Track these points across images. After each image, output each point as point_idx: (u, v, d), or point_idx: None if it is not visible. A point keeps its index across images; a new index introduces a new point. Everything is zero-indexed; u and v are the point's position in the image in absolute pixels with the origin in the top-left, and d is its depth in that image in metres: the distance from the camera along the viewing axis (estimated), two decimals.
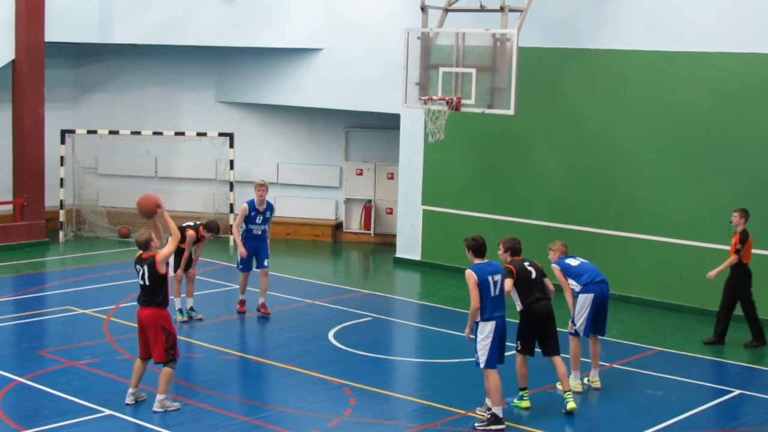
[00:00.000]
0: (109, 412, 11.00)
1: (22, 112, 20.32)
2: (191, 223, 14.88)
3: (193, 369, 12.93)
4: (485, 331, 10.84)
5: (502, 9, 15.95)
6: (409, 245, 19.77)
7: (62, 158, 21.45)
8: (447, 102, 15.94)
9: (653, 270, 16.86)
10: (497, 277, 10.94)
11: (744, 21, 15.80)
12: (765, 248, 15.49)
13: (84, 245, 21.16)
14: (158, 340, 11.03)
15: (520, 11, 16.10)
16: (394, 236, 20.47)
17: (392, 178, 21.73)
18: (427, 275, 19.00)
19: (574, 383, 12.06)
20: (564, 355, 11.83)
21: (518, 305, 11.45)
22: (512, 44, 15.63)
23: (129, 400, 11.24)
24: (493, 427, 10.84)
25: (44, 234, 20.76)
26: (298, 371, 12.86)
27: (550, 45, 17.65)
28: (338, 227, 22.49)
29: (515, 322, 11.55)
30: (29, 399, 11.56)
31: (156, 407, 11.07)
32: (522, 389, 11.53)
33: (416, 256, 19.65)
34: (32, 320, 15.14)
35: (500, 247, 11.64)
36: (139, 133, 21.77)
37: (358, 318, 15.54)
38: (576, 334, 12.12)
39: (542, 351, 11.61)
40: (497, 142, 18.39)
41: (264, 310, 15.36)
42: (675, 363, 13.68)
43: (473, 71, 15.95)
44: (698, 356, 14.09)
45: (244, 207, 15.17)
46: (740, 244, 14.20)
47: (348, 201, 22.31)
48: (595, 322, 12.24)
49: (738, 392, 12.47)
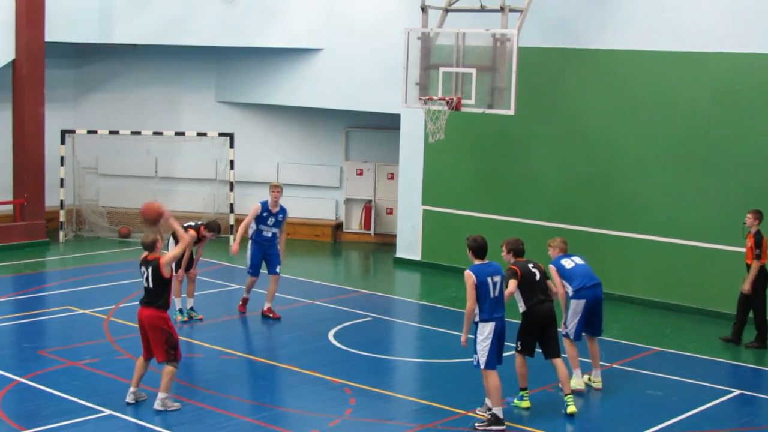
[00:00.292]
0: (109, 412, 11.01)
1: (23, 112, 20.33)
2: (192, 224, 14.88)
3: (194, 369, 12.94)
4: (485, 332, 10.84)
5: (502, 9, 15.95)
6: (410, 245, 19.77)
7: (62, 158, 21.44)
8: (447, 102, 15.94)
9: (653, 270, 16.86)
10: (497, 278, 10.92)
11: (744, 21, 15.80)
12: None
13: (84, 245, 21.16)
14: (159, 342, 11.05)
15: (521, 11, 16.10)
16: (395, 236, 20.47)
17: (392, 178, 21.73)
18: (427, 275, 19.00)
19: (576, 381, 12.04)
20: (564, 355, 11.84)
21: (521, 306, 11.44)
22: (512, 44, 15.64)
23: (129, 399, 11.26)
24: (494, 428, 10.84)
25: (44, 234, 20.76)
26: (299, 371, 12.86)
27: (550, 45, 17.65)
28: (338, 227, 22.50)
29: (515, 323, 11.55)
30: (29, 399, 11.57)
31: (157, 405, 11.09)
32: (522, 389, 11.53)
33: (416, 256, 19.65)
34: (32, 320, 15.14)
35: (503, 249, 11.64)
36: (140, 133, 21.76)
37: (358, 318, 15.54)
38: (567, 336, 12.11)
39: (543, 353, 11.61)
40: (497, 143, 18.39)
41: (273, 315, 15.20)
42: (675, 363, 13.68)
43: (473, 71, 15.96)
44: (698, 356, 14.08)
45: (257, 206, 15.01)
46: (758, 248, 14.13)
47: (348, 201, 22.32)
48: (590, 325, 12.22)
49: (738, 392, 12.47)
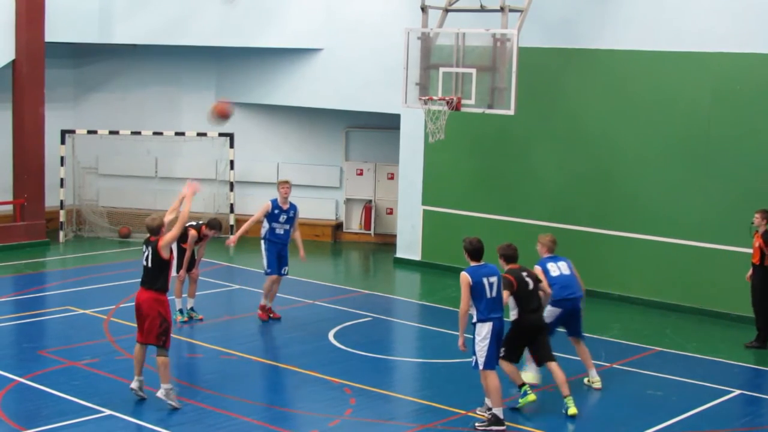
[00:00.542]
0: (109, 412, 11.00)
1: (23, 112, 20.32)
2: (193, 223, 14.86)
3: (194, 369, 12.94)
4: (482, 333, 10.84)
5: (503, 9, 15.95)
6: (410, 245, 19.77)
7: (62, 158, 21.45)
8: (447, 102, 15.94)
9: (653, 270, 16.86)
10: (492, 279, 10.93)
11: (744, 21, 15.80)
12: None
13: (84, 245, 21.16)
14: (153, 325, 11.10)
15: (521, 11, 16.10)
16: (395, 236, 20.47)
17: (392, 179, 21.73)
18: (427, 275, 18.99)
19: (531, 375, 12.03)
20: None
21: (513, 314, 11.42)
22: (512, 44, 15.63)
23: (134, 385, 11.30)
24: (494, 428, 10.84)
25: (44, 234, 20.76)
26: (299, 371, 12.86)
27: (550, 45, 17.65)
28: (338, 227, 22.49)
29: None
30: (29, 399, 11.57)
31: (160, 393, 11.12)
32: (521, 386, 11.52)
33: (416, 256, 19.65)
34: (32, 320, 15.14)
35: (498, 254, 11.62)
36: (140, 133, 21.77)
37: (358, 318, 15.54)
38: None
39: (537, 361, 11.62)
40: (497, 143, 18.38)
41: (273, 315, 15.19)
42: (675, 363, 13.68)
43: (473, 71, 15.95)
44: (698, 356, 14.08)
45: (267, 204, 14.94)
46: (767, 248, 14.11)
47: (348, 201, 22.31)
48: (566, 327, 12.29)
49: (738, 392, 12.47)
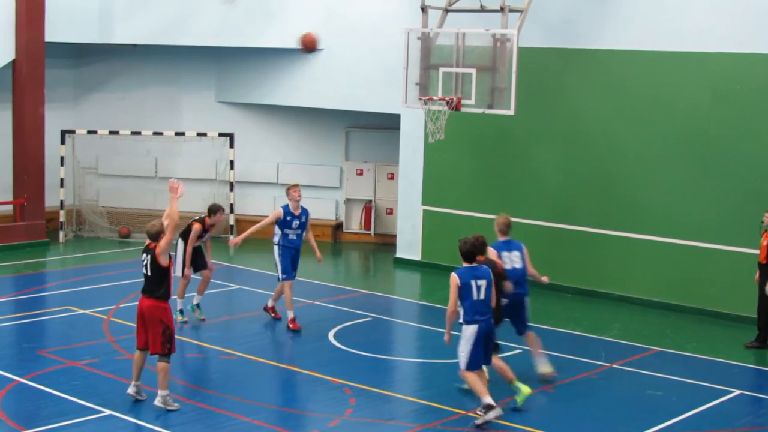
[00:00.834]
0: (109, 412, 11.00)
1: (23, 113, 20.33)
2: (196, 218, 14.83)
3: (194, 369, 12.94)
4: (467, 335, 10.91)
5: (503, 9, 15.95)
6: (410, 245, 19.77)
7: (62, 158, 21.45)
8: (447, 102, 15.94)
9: (653, 270, 16.86)
10: (481, 282, 10.98)
11: (744, 21, 15.80)
12: None
13: (84, 245, 21.16)
14: (156, 333, 11.08)
15: (521, 11, 16.10)
16: (395, 236, 20.47)
17: (392, 179, 21.73)
18: (427, 275, 18.99)
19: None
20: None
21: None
22: (512, 44, 15.63)
23: (131, 391, 11.30)
24: (491, 415, 10.81)
25: (44, 234, 20.76)
26: (299, 371, 12.87)
27: (550, 45, 17.65)
28: (338, 227, 22.49)
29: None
30: (29, 399, 11.57)
31: (157, 401, 11.10)
32: (510, 381, 11.46)
33: (416, 257, 19.65)
34: (32, 320, 15.14)
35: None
36: (140, 134, 21.77)
37: (358, 318, 15.54)
38: None
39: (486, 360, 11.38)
40: (497, 143, 18.38)
41: (275, 314, 15.15)
42: (675, 363, 13.68)
43: (473, 71, 15.95)
44: (698, 356, 14.08)
45: (279, 211, 14.67)
46: None
47: (348, 201, 22.31)
48: (511, 319, 12.42)
49: (738, 392, 12.47)
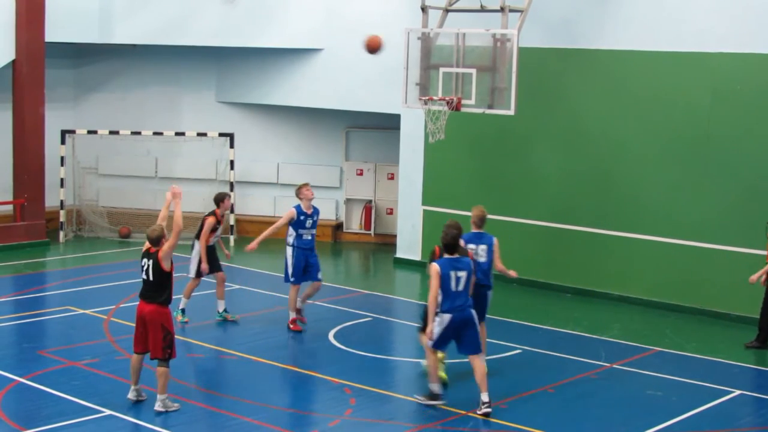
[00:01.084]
0: (109, 412, 11.00)
1: (23, 113, 20.33)
2: (206, 213, 14.84)
3: (193, 369, 12.93)
4: (443, 323, 11.25)
5: (503, 9, 15.94)
6: (410, 245, 19.77)
7: (62, 158, 21.46)
8: (447, 102, 15.94)
9: (653, 270, 16.86)
10: (461, 274, 11.24)
11: (744, 21, 15.80)
12: (765, 248, 15.50)
13: (84, 245, 21.16)
14: (157, 338, 11.04)
15: (521, 11, 16.09)
16: (395, 236, 20.47)
17: (392, 179, 21.74)
18: (427, 276, 18.94)
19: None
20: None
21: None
22: (512, 44, 15.63)
23: (131, 396, 11.30)
24: (430, 402, 11.42)
25: (44, 234, 20.77)
26: (299, 371, 12.87)
27: (550, 45, 17.65)
28: (338, 227, 22.49)
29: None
30: (29, 399, 11.56)
31: (157, 406, 11.08)
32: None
33: (416, 257, 19.64)
34: (32, 320, 15.14)
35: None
36: (140, 134, 21.77)
37: (358, 318, 15.54)
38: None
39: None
40: (497, 143, 18.38)
41: (301, 319, 14.76)
42: (675, 363, 13.68)
43: (473, 71, 15.94)
44: (698, 356, 14.08)
45: (292, 211, 14.44)
46: None
47: (348, 201, 22.32)
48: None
49: (738, 392, 12.47)
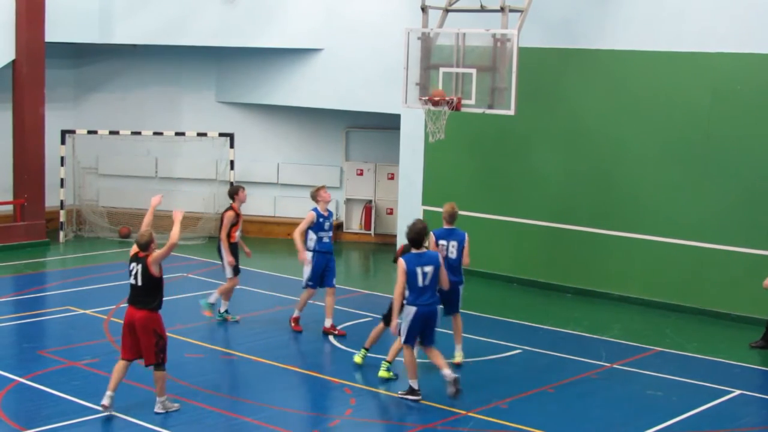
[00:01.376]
0: (109, 413, 10.99)
1: (23, 113, 20.33)
2: (224, 209, 14.84)
3: (193, 369, 12.92)
4: (408, 316, 11.41)
5: (503, 9, 15.94)
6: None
7: (62, 158, 21.46)
8: (447, 102, 15.94)
9: (653, 270, 16.85)
10: (428, 269, 11.37)
11: (744, 21, 15.80)
12: (765, 248, 15.51)
13: (84, 245, 21.16)
14: (149, 344, 10.85)
15: (521, 11, 16.09)
16: (395, 236, 20.47)
17: (392, 179, 21.74)
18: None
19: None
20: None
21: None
22: (512, 44, 15.62)
23: (106, 402, 10.87)
24: (410, 397, 11.57)
25: (44, 234, 20.77)
26: (299, 371, 12.87)
27: (550, 45, 17.65)
28: (339, 227, 22.47)
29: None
30: (29, 399, 11.57)
31: (157, 408, 11.06)
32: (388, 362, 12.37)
33: None
34: (32, 320, 15.15)
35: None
36: (140, 134, 21.78)
37: (358, 318, 15.53)
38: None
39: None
40: (498, 143, 18.38)
41: (339, 332, 14.46)
42: (675, 363, 13.68)
43: (473, 71, 15.94)
44: (698, 356, 14.08)
45: (311, 214, 14.32)
46: None
47: (348, 201, 22.32)
48: (445, 306, 12.78)
49: (738, 392, 12.47)
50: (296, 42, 21.19)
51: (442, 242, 12.71)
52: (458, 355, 13.07)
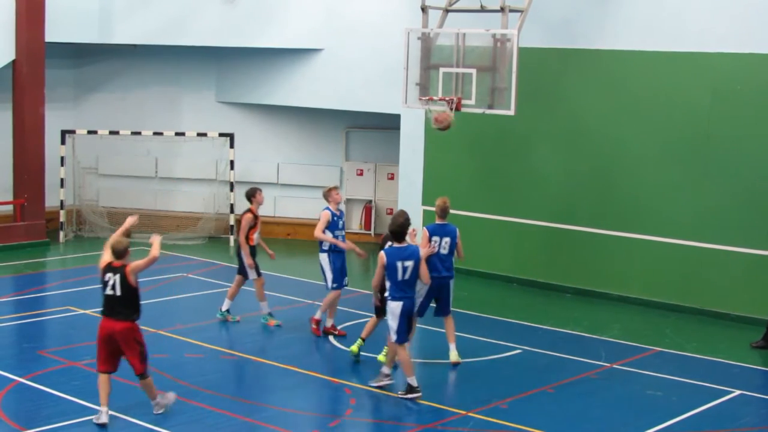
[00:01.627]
0: (110, 413, 10.98)
1: (23, 113, 20.33)
2: (243, 211, 14.84)
3: (193, 369, 12.92)
4: (393, 311, 11.55)
5: (503, 9, 15.95)
6: None
7: (62, 158, 21.46)
8: (447, 102, 15.93)
9: (653, 270, 16.86)
10: (408, 263, 11.49)
11: (744, 21, 15.80)
12: (765, 248, 15.52)
13: (84, 245, 21.15)
14: (134, 355, 10.69)
15: (521, 12, 16.09)
16: None
17: (392, 179, 21.74)
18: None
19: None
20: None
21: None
22: (512, 44, 15.62)
23: (104, 419, 10.64)
24: (410, 396, 11.61)
25: (44, 234, 20.77)
26: (299, 371, 12.87)
27: (550, 45, 17.65)
28: None
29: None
30: (29, 399, 11.57)
31: (156, 410, 11.04)
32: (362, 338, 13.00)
33: None
34: (32, 320, 15.15)
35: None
36: (140, 134, 21.78)
37: (358, 318, 15.53)
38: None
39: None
40: (498, 143, 18.39)
41: (339, 332, 14.50)
42: (675, 363, 13.68)
43: (473, 71, 15.94)
44: (698, 356, 14.08)
45: (326, 213, 14.11)
46: None
47: (348, 201, 22.30)
48: (437, 303, 13.00)
49: (738, 392, 12.47)
50: (296, 42, 21.20)
51: (435, 238, 12.79)
52: (454, 355, 13.02)
